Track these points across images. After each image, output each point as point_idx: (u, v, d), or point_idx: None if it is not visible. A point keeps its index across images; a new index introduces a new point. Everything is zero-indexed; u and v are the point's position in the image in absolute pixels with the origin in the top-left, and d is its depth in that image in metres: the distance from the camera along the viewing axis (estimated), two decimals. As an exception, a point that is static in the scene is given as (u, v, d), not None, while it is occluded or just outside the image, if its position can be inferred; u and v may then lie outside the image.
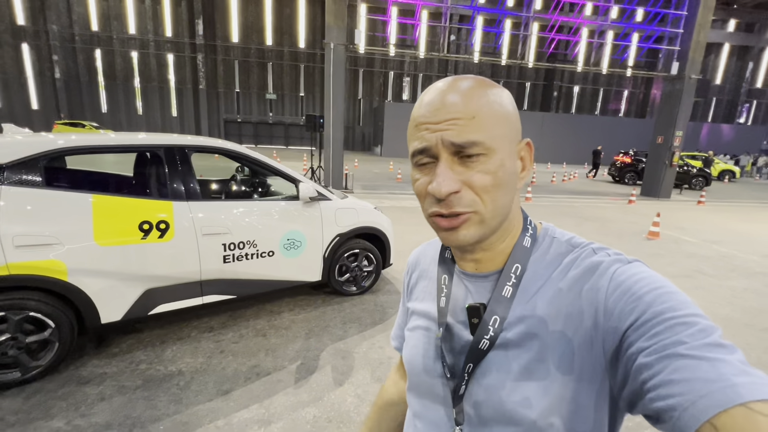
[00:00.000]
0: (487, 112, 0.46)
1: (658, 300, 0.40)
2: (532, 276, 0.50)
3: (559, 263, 0.50)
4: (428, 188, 0.47)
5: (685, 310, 0.38)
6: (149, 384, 2.24)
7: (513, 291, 0.50)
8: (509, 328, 0.49)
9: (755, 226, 8.13)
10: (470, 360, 0.50)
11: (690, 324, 0.37)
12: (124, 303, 2.41)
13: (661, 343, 0.36)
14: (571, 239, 0.52)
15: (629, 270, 0.44)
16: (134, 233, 2.35)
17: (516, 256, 0.51)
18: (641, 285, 0.42)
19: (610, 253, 0.48)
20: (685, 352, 0.35)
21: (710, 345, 0.35)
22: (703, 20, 10.35)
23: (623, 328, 0.41)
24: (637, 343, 0.38)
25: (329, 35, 8.99)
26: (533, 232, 0.53)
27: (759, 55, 31.97)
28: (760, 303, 3.96)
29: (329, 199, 3.24)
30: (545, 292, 0.48)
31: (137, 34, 26.34)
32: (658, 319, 0.38)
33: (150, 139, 2.58)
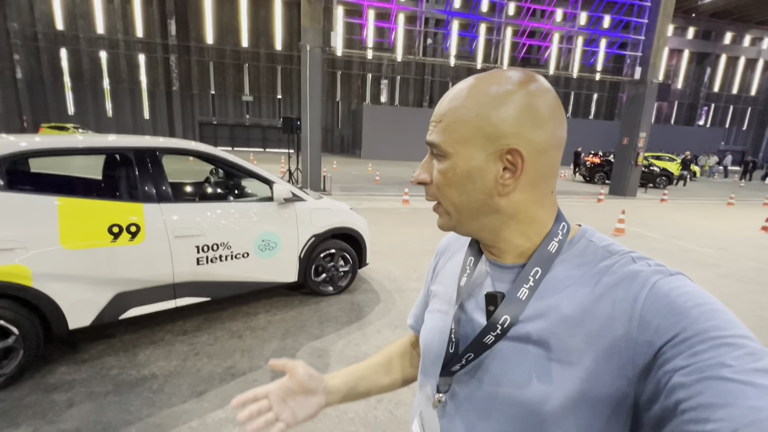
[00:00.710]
0: (451, 118, 0.49)
1: (703, 317, 0.37)
2: (560, 276, 0.48)
3: (593, 267, 0.47)
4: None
5: (732, 330, 0.35)
6: (121, 389, 2.22)
7: (529, 294, 0.48)
8: (523, 323, 0.48)
9: (712, 221, 8.65)
10: (471, 350, 0.50)
11: (737, 346, 0.34)
12: (94, 307, 2.37)
13: (704, 363, 0.34)
14: (610, 245, 0.50)
15: (671, 282, 0.41)
16: (103, 236, 2.32)
17: (537, 259, 0.50)
18: (684, 299, 0.39)
19: (650, 263, 0.45)
20: (729, 375, 0.32)
21: (759, 371, 0.32)
22: (662, 28, 10.94)
23: (659, 343, 0.38)
24: (674, 361, 0.36)
25: (305, 37, 9.00)
26: (563, 238, 0.51)
27: (716, 61, 33.93)
28: (712, 292, 4.20)
29: (304, 200, 3.28)
30: (572, 292, 0.47)
31: (106, 33, 25.44)
32: (701, 338, 0.35)
33: (119, 141, 2.56)
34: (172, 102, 26.84)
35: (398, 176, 15.12)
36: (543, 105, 0.47)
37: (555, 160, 0.50)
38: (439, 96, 30.65)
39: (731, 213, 9.91)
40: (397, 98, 30.45)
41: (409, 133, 25.54)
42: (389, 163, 22.73)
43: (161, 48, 26.25)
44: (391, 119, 25.33)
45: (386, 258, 4.80)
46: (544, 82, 0.49)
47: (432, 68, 29.83)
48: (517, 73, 0.48)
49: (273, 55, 28.40)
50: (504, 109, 0.46)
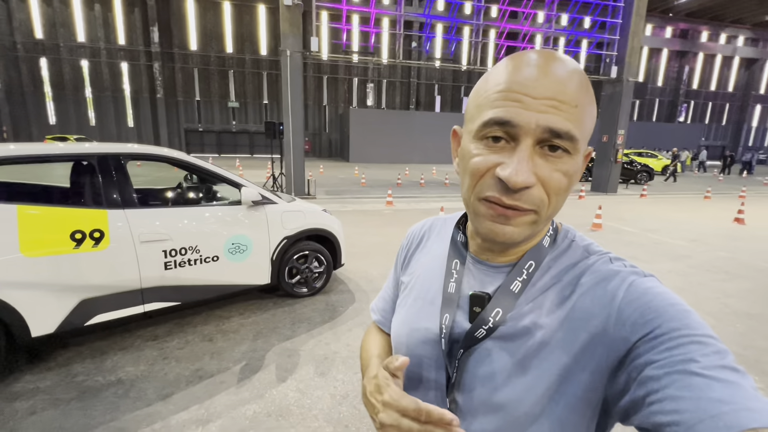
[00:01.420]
0: (587, 107, 0.42)
1: (676, 316, 0.39)
2: (544, 275, 0.49)
3: (574, 266, 0.49)
4: (500, 172, 0.42)
5: (700, 330, 0.37)
6: (85, 395, 2.22)
7: (522, 287, 0.49)
8: (510, 322, 0.48)
9: (688, 214, 8.87)
10: (462, 346, 0.50)
11: (705, 344, 0.36)
12: (58, 315, 2.37)
13: (674, 358, 0.36)
14: (589, 245, 0.51)
15: (646, 283, 0.43)
16: (65, 243, 2.32)
17: (533, 253, 0.50)
18: (659, 299, 0.41)
19: (626, 264, 0.47)
20: (697, 370, 0.34)
21: (724, 367, 0.35)
22: (636, 27, 11.22)
23: (634, 339, 0.40)
24: (646, 355, 0.38)
25: (285, 42, 9.03)
26: (553, 234, 0.52)
27: (693, 59, 34.80)
28: (681, 283, 4.36)
29: (275, 202, 3.30)
30: (555, 292, 0.47)
31: (87, 41, 25.13)
32: (673, 335, 0.37)
33: (81, 148, 2.56)
34: (157, 109, 26.58)
35: (384, 179, 15.19)
36: None
37: None
38: (426, 98, 30.91)
39: (707, 206, 10.17)
40: (384, 101, 30.59)
41: (396, 136, 25.67)
42: (377, 166, 22.81)
43: (144, 55, 26.02)
44: (378, 122, 25.44)
45: (364, 259, 4.84)
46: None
47: (418, 71, 30.06)
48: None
49: (258, 61, 28.35)
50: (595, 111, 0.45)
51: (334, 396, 2.27)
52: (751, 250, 5.81)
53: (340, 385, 2.37)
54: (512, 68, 0.43)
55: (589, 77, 7.94)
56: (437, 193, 11.40)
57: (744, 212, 7.92)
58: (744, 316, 3.54)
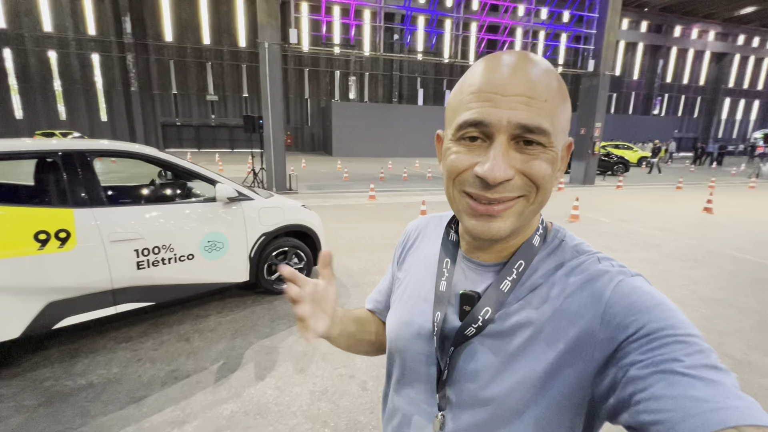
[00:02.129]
0: (557, 100, 0.44)
1: (660, 316, 0.39)
2: (533, 274, 0.50)
3: (562, 266, 0.49)
4: (477, 170, 0.43)
5: (684, 329, 0.38)
6: (53, 400, 2.15)
7: (511, 286, 0.49)
8: (499, 320, 0.49)
9: (661, 204, 9.18)
10: (453, 343, 0.51)
11: (689, 343, 0.37)
12: (23, 318, 2.28)
13: (658, 358, 0.37)
14: (579, 245, 0.52)
15: (633, 283, 0.44)
16: (28, 244, 2.22)
17: (523, 252, 0.50)
18: (644, 299, 0.42)
19: (614, 264, 0.48)
20: (680, 369, 0.35)
21: (707, 366, 0.35)
22: (611, 22, 11.44)
23: (620, 339, 0.40)
24: (631, 355, 0.39)
25: (263, 34, 8.84)
26: (543, 233, 0.53)
27: (668, 53, 35.78)
28: (652, 271, 4.52)
29: (252, 198, 3.25)
30: (543, 291, 0.48)
31: (54, 31, 23.97)
32: (657, 335, 0.38)
33: (43, 144, 2.46)
34: (131, 103, 25.66)
35: (368, 173, 15.14)
36: None
37: None
38: (409, 92, 30.84)
39: (679, 196, 10.55)
40: (367, 95, 30.38)
41: (379, 129, 25.57)
42: (360, 159, 22.70)
43: (116, 46, 25.02)
44: (361, 116, 25.27)
45: (345, 254, 4.83)
46: None
47: (400, 64, 29.92)
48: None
49: (237, 53, 27.65)
50: (569, 104, 0.47)
51: (313, 392, 2.27)
52: (716, 237, 6.06)
53: (319, 381, 2.37)
54: (483, 70, 0.44)
55: (568, 71, 8.09)
56: (420, 187, 11.44)
57: (712, 202, 8.24)
58: (709, 301, 3.70)
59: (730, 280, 4.27)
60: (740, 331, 3.11)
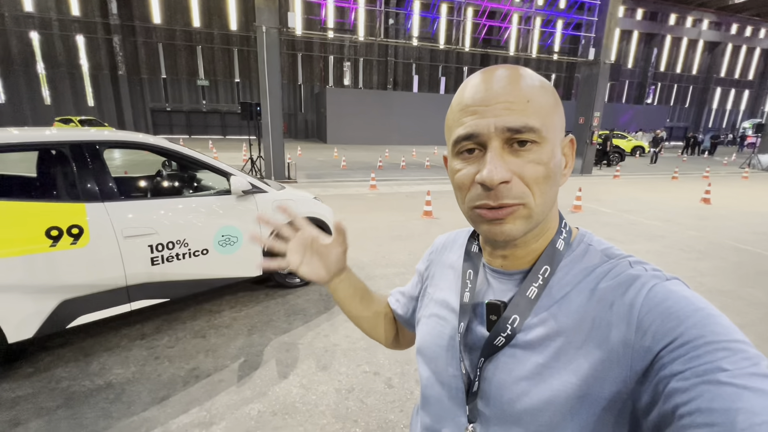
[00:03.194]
0: (540, 99, 0.45)
1: (700, 323, 0.37)
2: (560, 281, 0.48)
3: (591, 272, 0.47)
4: (477, 177, 0.45)
5: (728, 336, 0.36)
6: (72, 401, 2.09)
7: (538, 293, 0.48)
8: (528, 329, 0.48)
9: (659, 195, 9.27)
10: (482, 355, 0.50)
11: (734, 351, 0.34)
12: (36, 318, 2.19)
13: (701, 368, 0.34)
14: (608, 249, 0.50)
15: (668, 287, 0.42)
16: (40, 241, 2.12)
17: (547, 257, 0.49)
18: (681, 305, 0.39)
19: (647, 267, 0.46)
20: (726, 379, 0.33)
21: (756, 375, 0.33)
22: (613, 9, 11.32)
23: (657, 349, 0.38)
24: (671, 366, 0.36)
25: (260, 18, 8.55)
26: (567, 237, 0.51)
27: (662, 42, 35.78)
28: (658, 262, 4.56)
29: (265, 191, 3.16)
30: (572, 298, 0.47)
31: (36, 11, 22.95)
32: (698, 343, 0.36)
33: (52, 135, 2.32)
34: (119, 87, 24.89)
35: (365, 161, 14.99)
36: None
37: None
38: (404, 78, 30.44)
39: (675, 186, 10.66)
40: (361, 81, 29.90)
41: (374, 116, 25.27)
42: (356, 147, 22.47)
43: (102, 28, 24.09)
44: (355, 102, 24.91)
45: (353, 246, 4.78)
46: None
47: (395, 50, 29.42)
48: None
49: (228, 36, 26.86)
50: (556, 95, 0.49)
51: (339, 390, 2.24)
52: (717, 229, 6.14)
53: (344, 379, 2.34)
54: (469, 88, 0.47)
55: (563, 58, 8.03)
56: (419, 176, 11.37)
57: (710, 192, 8.34)
58: (717, 293, 3.75)
59: (735, 271, 4.33)
60: (752, 324, 3.16)
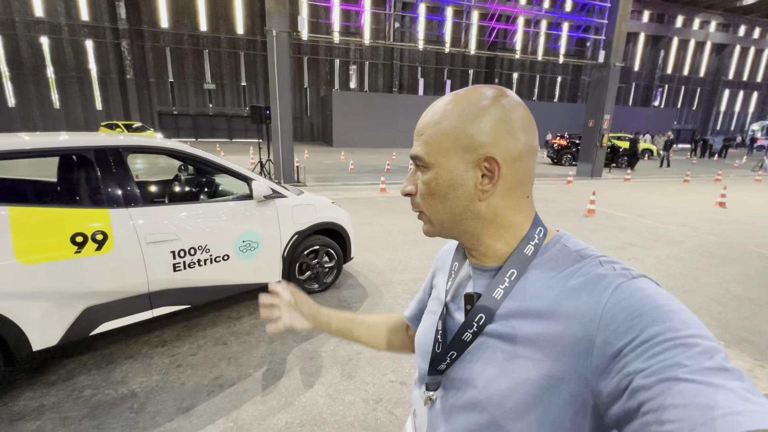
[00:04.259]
0: (432, 131, 0.53)
1: (659, 319, 0.38)
2: (532, 278, 0.51)
3: (563, 270, 0.49)
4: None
5: (686, 330, 0.37)
6: (97, 411, 2.05)
7: (504, 294, 0.51)
8: (496, 322, 0.51)
9: (672, 199, 9.14)
10: (453, 348, 0.54)
11: (690, 345, 0.36)
12: (60, 325, 2.16)
13: (660, 365, 0.36)
14: (582, 250, 0.52)
15: (633, 285, 0.43)
16: (66, 247, 2.09)
17: (513, 261, 0.52)
18: (643, 302, 0.41)
19: (616, 267, 0.47)
20: (684, 375, 0.34)
21: (711, 369, 0.34)
22: (623, 12, 11.25)
23: (619, 345, 0.40)
24: (634, 363, 0.38)
25: (270, 22, 8.57)
26: (539, 242, 0.53)
27: (669, 44, 35.56)
28: (681, 268, 4.48)
29: (285, 196, 3.12)
30: (542, 295, 0.49)
31: (46, 17, 23.24)
32: (657, 339, 0.37)
33: (76, 140, 2.30)
34: (127, 91, 25.11)
35: (372, 164, 14.97)
36: (515, 117, 0.50)
37: (529, 167, 0.53)
38: (409, 81, 30.48)
39: (688, 190, 10.53)
40: (367, 84, 29.95)
41: (380, 119, 25.27)
42: (362, 150, 22.46)
43: (111, 33, 24.35)
44: (361, 106, 24.93)
45: (368, 250, 4.73)
46: (515, 96, 0.52)
47: (401, 53, 29.46)
48: (490, 89, 0.51)
49: (235, 40, 27.04)
50: (480, 121, 0.50)
51: (367, 401, 2.19)
52: (736, 233, 6.03)
53: (370, 389, 2.29)
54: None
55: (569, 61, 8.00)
56: (428, 179, 11.30)
57: (726, 196, 8.21)
58: (745, 300, 3.66)
59: (761, 278, 4.23)
60: (784, 332, 3.07)
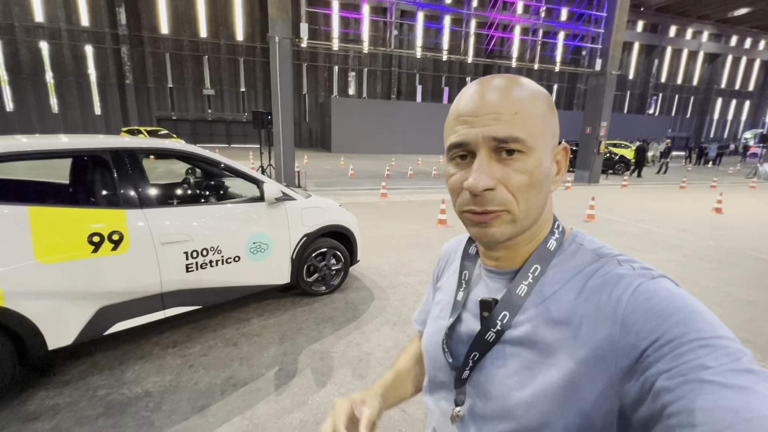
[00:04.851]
0: (529, 110, 0.47)
1: (683, 320, 0.38)
2: (551, 279, 0.50)
3: (581, 270, 0.49)
4: (464, 184, 0.47)
5: (711, 332, 0.36)
6: (113, 410, 2.06)
7: (528, 290, 0.50)
8: (517, 326, 0.49)
9: (669, 204, 9.26)
10: (475, 349, 0.52)
11: (716, 347, 0.35)
12: (75, 325, 2.18)
13: (685, 366, 0.35)
14: (599, 249, 0.51)
15: (654, 286, 0.43)
16: (83, 247, 2.12)
17: (537, 256, 0.51)
18: (665, 303, 0.40)
19: (635, 266, 0.46)
20: (709, 377, 0.33)
21: (737, 371, 0.33)
22: (619, 21, 11.48)
23: (642, 347, 0.39)
24: (657, 364, 0.37)
25: (273, 29, 8.66)
26: (560, 236, 0.53)
27: (662, 53, 36.15)
28: (681, 272, 4.54)
29: (294, 198, 3.17)
30: (561, 296, 0.48)
31: (46, 22, 23.30)
32: (682, 340, 0.36)
33: (93, 142, 2.34)
34: (126, 96, 25.13)
35: (372, 170, 15.04)
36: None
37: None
38: (407, 88, 30.71)
39: (684, 196, 10.66)
40: (365, 91, 30.16)
41: (379, 125, 25.42)
42: (361, 156, 22.56)
43: (110, 38, 24.43)
44: (360, 112, 25.09)
45: (373, 253, 4.77)
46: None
47: (399, 60, 29.74)
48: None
49: (234, 47, 27.20)
50: (553, 109, 0.51)
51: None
52: (734, 238, 6.12)
53: (382, 388, 2.31)
54: (461, 98, 0.50)
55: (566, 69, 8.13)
56: (428, 185, 11.39)
57: (722, 202, 8.33)
58: (745, 303, 3.72)
59: (760, 281, 4.30)
60: (784, 334, 3.12)
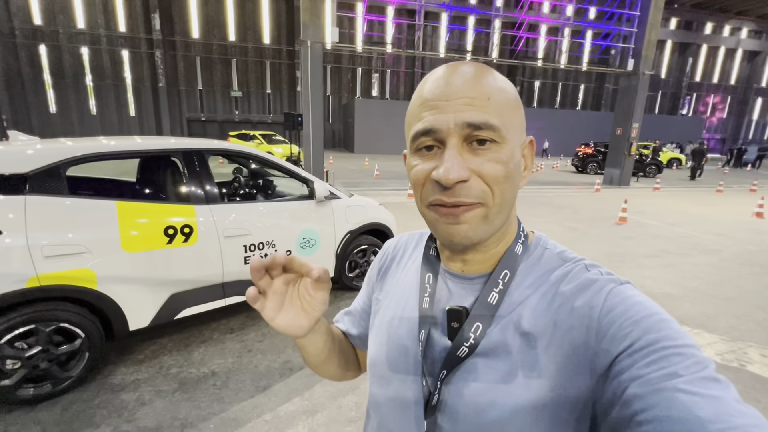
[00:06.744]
0: (500, 98, 0.44)
1: (655, 327, 0.38)
2: (520, 285, 0.48)
3: (550, 275, 0.48)
4: (433, 174, 0.43)
5: (680, 340, 0.37)
6: (186, 386, 2.27)
7: (499, 298, 0.47)
8: (491, 336, 0.46)
9: (704, 208, 8.98)
10: (444, 367, 0.47)
11: (686, 355, 0.36)
12: (151, 309, 2.41)
13: (657, 373, 0.35)
14: (563, 252, 0.51)
15: (624, 292, 0.43)
16: (160, 239, 2.35)
17: (506, 262, 0.49)
18: (637, 309, 0.41)
19: (602, 271, 0.47)
20: (681, 386, 0.34)
21: (706, 379, 0.34)
22: (654, 20, 11.20)
23: (615, 352, 0.39)
24: (630, 370, 0.37)
25: (305, 33, 8.93)
26: (525, 240, 0.52)
27: (697, 51, 34.74)
28: (719, 276, 4.46)
29: (339, 197, 3.34)
30: (532, 302, 0.46)
31: (87, 28, 24.61)
32: (654, 347, 0.37)
33: (167, 143, 2.57)
34: (159, 98, 26.23)
35: (396, 170, 15.19)
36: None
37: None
38: (429, 89, 30.62)
39: (721, 200, 10.30)
40: (388, 92, 30.36)
41: (401, 127, 25.49)
42: (384, 157, 22.75)
43: (145, 43, 25.57)
44: (383, 113, 25.30)
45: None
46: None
47: (422, 61, 29.79)
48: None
49: (261, 50, 27.95)
50: (520, 103, 0.48)
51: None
52: (776, 244, 5.93)
53: (429, 377, 2.44)
54: (427, 83, 0.46)
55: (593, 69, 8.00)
56: (453, 186, 11.40)
57: (763, 206, 8.03)
58: (790, 309, 3.64)
59: (805, 287, 4.18)
60: (833, 340, 3.06)
